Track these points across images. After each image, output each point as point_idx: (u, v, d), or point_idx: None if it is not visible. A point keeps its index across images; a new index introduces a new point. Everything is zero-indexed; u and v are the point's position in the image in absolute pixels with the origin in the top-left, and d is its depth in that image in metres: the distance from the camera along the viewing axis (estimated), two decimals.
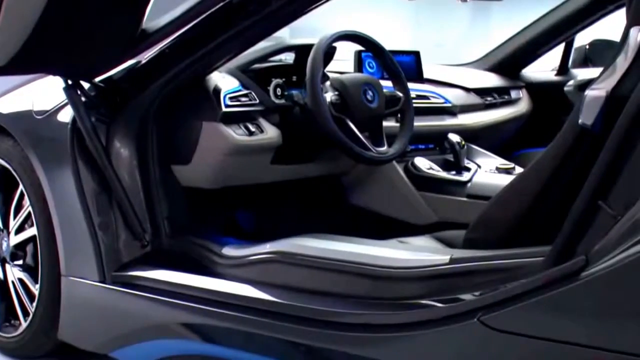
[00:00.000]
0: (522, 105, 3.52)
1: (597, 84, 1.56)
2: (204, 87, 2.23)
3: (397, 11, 7.56)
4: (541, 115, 3.55)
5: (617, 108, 1.45)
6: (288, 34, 3.46)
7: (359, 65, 2.87)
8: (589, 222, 1.46)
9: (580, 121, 1.53)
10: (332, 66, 2.62)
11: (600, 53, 3.65)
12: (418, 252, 1.91)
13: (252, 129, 2.27)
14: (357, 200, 2.76)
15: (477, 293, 1.62)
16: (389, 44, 2.73)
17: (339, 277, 1.91)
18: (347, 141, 2.25)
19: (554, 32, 3.41)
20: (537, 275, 1.49)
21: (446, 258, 1.77)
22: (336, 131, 2.22)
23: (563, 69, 3.63)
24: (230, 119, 2.24)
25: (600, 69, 3.05)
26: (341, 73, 2.57)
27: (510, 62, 3.58)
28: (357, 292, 1.86)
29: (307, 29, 3.11)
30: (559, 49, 3.58)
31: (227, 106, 2.22)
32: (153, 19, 2.11)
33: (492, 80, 3.46)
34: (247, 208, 2.80)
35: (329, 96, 2.29)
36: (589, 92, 1.53)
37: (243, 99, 2.29)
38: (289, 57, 2.61)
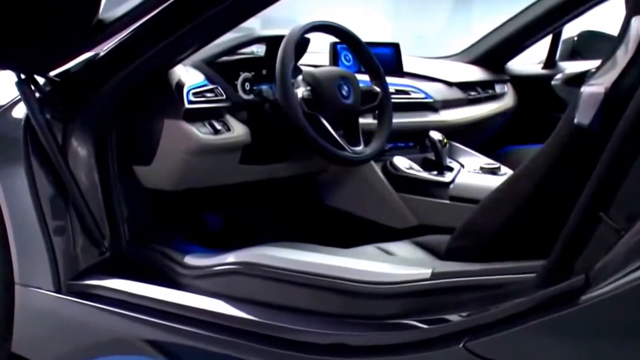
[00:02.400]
0: (507, 100, 3.50)
1: (595, 79, 1.47)
2: (166, 81, 2.17)
3: (376, 1, 7.51)
4: (527, 110, 3.54)
5: (618, 106, 1.36)
6: (259, 25, 3.39)
7: (334, 58, 2.82)
8: (588, 235, 1.37)
9: (576, 120, 1.44)
10: (306, 59, 2.57)
11: (589, 45, 3.65)
12: (396, 265, 1.83)
13: (218, 126, 2.22)
14: (333, 202, 2.73)
15: (462, 314, 1.53)
16: (366, 36, 2.68)
17: (308, 292, 1.83)
18: (320, 140, 2.19)
19: (541, 23, 3.38)
20: (529, 294, 1.40)
21: (427, 272, 1.68)
22: (308, 129, 2.16)
23: (550, 62, 3.61)
24: (194, 116, 2.18)
25: (589, 62, 3.15)
26: (315, 66, 2.51)
27: (494, 54, 3.55)
28: (329, 308, 1.78)
29: (280, 20, 3.06)
30: (546, 41, 3.56)
31: (190, 102, 2.16)
32: (111, 8, 2.04)
33: (476, 73, 3.42)
34: (215, 210, 2.76)
35: (301, 91, 2.24)
36: (586, 89, 1.44)
37: (208, 94, 2.23)
38: (260, 50, 2.56)
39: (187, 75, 2.22)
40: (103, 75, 2.14)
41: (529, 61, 3.73)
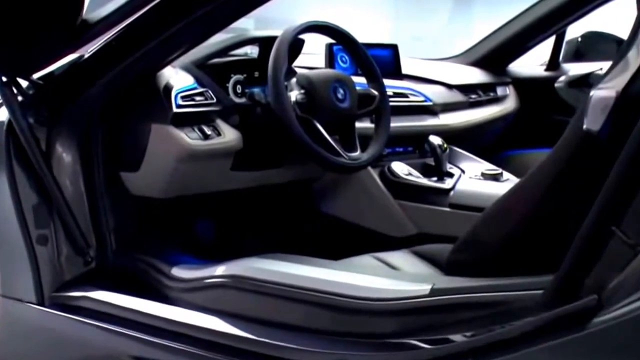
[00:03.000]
0: (509, 103, 3.46)
1: (605, 82, 1.39)
2: (154, 84, 2.11)
3: (374, 1, 7.46)
4: (529, 113, 3.50)
5: (630, 111, 1.29)
6: (253, 26, 3.33)
7: (330, 60, 2.77)
8: (599, 250, 1.28)
9: (585, 126, 1.36)
10: (301, 61, 2.53)
11: (594, 46, 3.47)
12: (393, 280, 1.76)
13: (208, 131, 2.16)
14: (329, 209, 2.68)
15: (465, 334, 1.46)
16: (364, 36, 2.64)
17: (302, 308, 1.77)
18: (314, 146, 2.13)
19: (544, 23, 3.33)
20: (536, 314, 1.32)
21: (427, 288, 1.61)
22: (301, 134, 2.10)
23: (553, 64, 3.56)
24: (183, 120, 2.12)
25: (593, 64, 3.09)
26: (310, 69, 2.46)
27: (496, 56, 3.50)
28: (323, 325, 1.71)
29: (275, 20, 3.00)
30: (549, 42, 3.52)
31: (178, 106, 2.10)
32: (95, 7, 1.99)
33: (477, 75, 3.38)
34: (206, 218, 2.70)
35: (294, 95, 2.17)
36: (595, 93, 1.36)
37: (198, 98, 2.17)
38: (254, 52, 2.51)
39: (176, 78, 2.16)
40: (88, 78, 2.08)
41: (532, 63, 3.69)
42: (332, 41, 2.55)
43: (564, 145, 1.48)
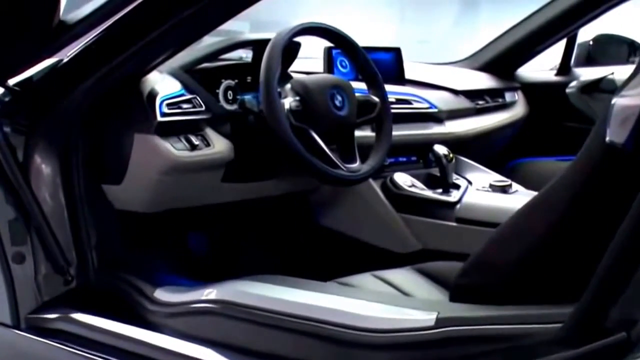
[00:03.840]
0: (518, 109, 3.38)
1: (628, 90, 1.27)
2: (138, 91, 2.02)
3: (378, 3, 7.40)
4: (539, 120, 3.42)
5: None
6: (248, 29, 3.24)
7: (329, 65, 2.68)
8: (627, 279, 1.16)
9: (607, 138, 1.24)
10: (298, 65, 2.45)
11: (606, 50, 3.52)
12: (394, 307, 1.64)
13: (196, 141, 2.06)
14: (327, 222, 2.60)
15: None
16: (367, 40, 2.60)
17: (293, 338, 1.66)
18: (310, 157, 2.03)
19: (554, 26, 3.24)
20: (554, 351, 1.20)
21: (431, 318, 1.50)
22: (295, 144, 2.01)
23: (564, 68, 3.48)
24: (168, 130, 2.03)
25: (606, 68, 3.00)
26: (308, 74, 2.37)
27: (504, 60, 3.42)
28: (317, 358, 1.61)
29: (271, 23, 2.92)
30: (560, 46, 3.44)
31: (163, 115, 2.01)
32: (74, 7, 1.91)
33: (484, 81, 3.30)
34: (197, 232, 2.63)
35: (288, 102, 2.07)
36: (618, 101, 1.24)
37: (185, 105, 2.07)
38: (250, 56, 2.41)
39: (162, 84, 2.07)
40: (68, 83, 2.00)
41: (541, 67, 3.62)
42: (332, 45, 2.48)
43: (585, 158, 1.37)
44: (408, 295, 1.85)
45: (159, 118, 2.00)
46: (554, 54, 3.48)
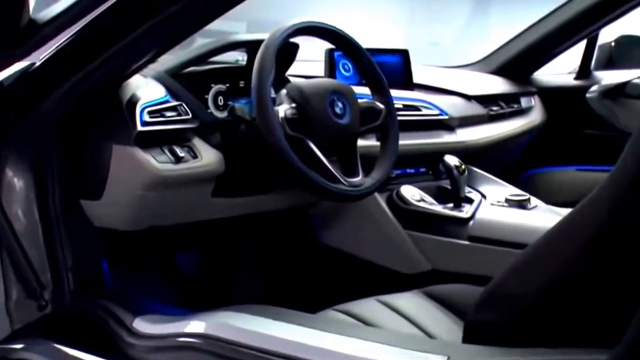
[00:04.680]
0: (534, 115, 3.32)
1: None
2: (117, 97, 1.91)
3: (386, 3, 7.35)
4: (557, 127, 3.38)
5: None
6: (245, 30, 3.14)
7: (331, 68, 2.58)
8: None
9: None
10: (297, 69, 2.35)
11: (629, 52, 3.46)
12: (397, 347, 1.49)
13: (181, 153, 1.96)
14: (328, 240, 2.53)
15: None
16: (376, 42, 2.59)
17: None
18: (306, 170, 1.91)
19: (574, 26, 3.18)
20: None
21: None
22: (291, 157, 1.89)
23: (584, 72, 3.42)
24: (150, 140, 1.92)
25: (629, 72, 2.91)
26: (307, 77, 2.27)
27: (520, 63, 3.36)
28: None
29: (270, 23, 2.81)
30: (579, 48, 3.37)
31: (144, 123, 1.90)
32: (45, 5, 1.80)
33: (498, 85, 3.24)
34: (186, 251, 2.56)
35: (283, 109, 1.96)
36: None
37: (169, 113, 1.96)
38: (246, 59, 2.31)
39: (144, 90, 1.96)
40: (41, 89, 1.90)
41: (559, 71, 3.56)
42: (334, 46, 2.37)
43: (620, 174, 1.22)
44: (415, 324, 1.76)
45: (139, 127, 1.89)
46: (573, 56, 3.44)
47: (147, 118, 1.90)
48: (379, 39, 2.74)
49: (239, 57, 2.35)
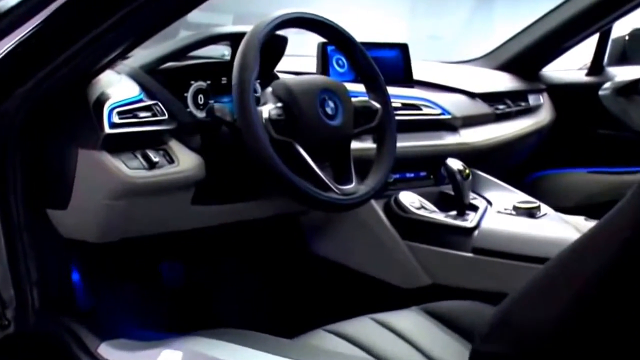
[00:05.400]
0: (543, 114, 3.25)
1: None
2: (84, 96, 1.81)
3: None
4: (568, 126, 3.34)
5: None
6: (231, 23, 3.07)
7: (324, 64, 2.49)
8: None
9: None
10: (288, 64, 2.28)
11: None
12: None
13: (155, 158, 1.84)
14: (321, 250, 2.46)
15: None
16: (372, 35, 2.55)
17: None
18: (293, 177, 1.81)
19: (585, 19, 3.12)
20: None
21: None
22: (276, 162, 1.79)
23: (596, 67, 3.37)
24: (120, 144, 1.82)
25: None
26: (298, 74, 2.19)
27: (527, 58, 3.29)
28: None
29: (258, 16, 2.76)
30: (591, 42, 3.33)
31: (113, 125, 1.79)
32: None
33: (505, 82, 3.17)
34: (172, 259, 2.46)
35: (268, 109, 1.85)
36: None
37: (142, 113, 1.85)
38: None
39: (115, 88, 1.86)
40: (1, 88, 1.81)
41: (570, 66, 3.53)
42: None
43: None
44: (414, 345, 1.71)
45: (107, 130, 1.78)
46: (584, 51, 3.40)
47: (116, 119, 1.81)
48: (376, 32, 2.66)
49: (225, 51, 2.25)
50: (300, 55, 2.61)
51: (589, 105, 3.13)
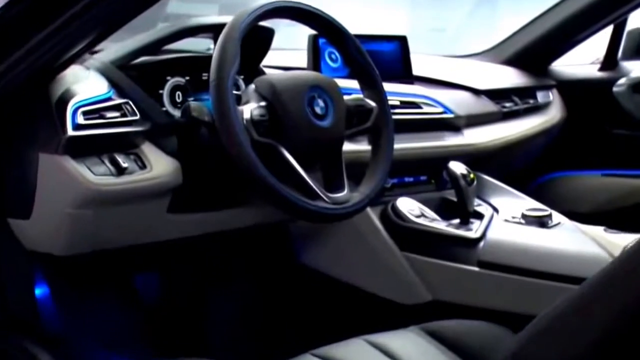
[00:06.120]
0: (553, 112, 3.23)
1: None
2: (46, 95, 1.74)
3: None
4: (579, 125, 3.30)
5: None
6: (217, 13, 3.01)
7: (315, 58, 2.41)
8: None
9: None
10: (279, 59, 2.28)
11: None
12: None
13: (124, 163, 1.77)
14: (311, 261, 2.39)
15: None
16: (370, 28, 2.50)
17: None
18: (277, 184, 1.72)
19: (598, 10, 3.09)
20: None
21: None
22: (257, 167, 1.70)
23: (610, 62, 3.34)
24: (85, 147, 1.75)
25: None
26: (287, 69, 2.13)
27: (536, 51, 3.26)
28: None
29: (245, 6, 2.73)
30: (604, 34, 3.30)
31: (77, 127, 1.72)
32: None
33: (512, 77, 3.14)
34: (147, 270, 2.40)
35: (249, 109, 1.76)
36: None
37: (111, 113, 1.78)
38: None
39: (81, 85, 1.79)
40: None
41: (581, 61, 3.51)
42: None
43: None
44: None
45: (70, 132, 1.71)
46: (596, 44, 3.38)
47: (81, 120, 1.73)
48: (374, 24, 2.54)
49: (211, 45, 2.19)
50: (292, 49, 2.56)
51: (602, 102, 3.10)
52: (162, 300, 2.43)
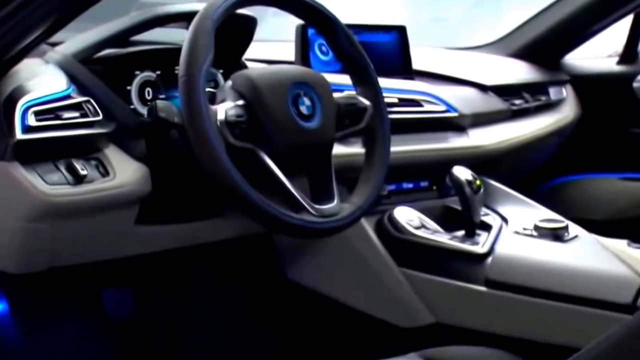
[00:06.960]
0: (566, 109, 3.16)
1: None
2: None
3: None
4: (595, 124, 3.24)
5: None
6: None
7: (304, 50, 2.35)
8: None
9: None
10: (265, 52, 2.25)
11: None
12: None
13: (83, 170, 1.70)
14: (299, 277, 2.34)
15: None
16: (366, 17, 2.49)
17: None
18: (254, 194, 1.65)
19: None
20: None
21: None
22: (232, 175, 1.62)
23: (629, 55, 3.28)
24: (38, 153, 1.69)
25: None
26: (273, 63, 2.12)
27: (548, 43, 3.18)
28: None
29: None
30: (622, 25, 3.23)
31: (28, 129, 1.65)
32: None
33: (521, 72, 3.07)
34: (118, 285, 2.35)
35: (224, 109, 1.69)
36: None
37: (68, 113, 1.71)
38: None
39: (36, 81, 1.73)
40: None
41: (597, 54, 3.48)
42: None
43: None
44: None
45: (19, 135, 1.64)
46: (614, 35, 3.33)
47: (32, 121, 1.66)
48: (370, 12, 2.45)
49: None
50: (280, 40, 2.53)
51: (621, 99, 3.08)
52: (135, 317, 2.38)
